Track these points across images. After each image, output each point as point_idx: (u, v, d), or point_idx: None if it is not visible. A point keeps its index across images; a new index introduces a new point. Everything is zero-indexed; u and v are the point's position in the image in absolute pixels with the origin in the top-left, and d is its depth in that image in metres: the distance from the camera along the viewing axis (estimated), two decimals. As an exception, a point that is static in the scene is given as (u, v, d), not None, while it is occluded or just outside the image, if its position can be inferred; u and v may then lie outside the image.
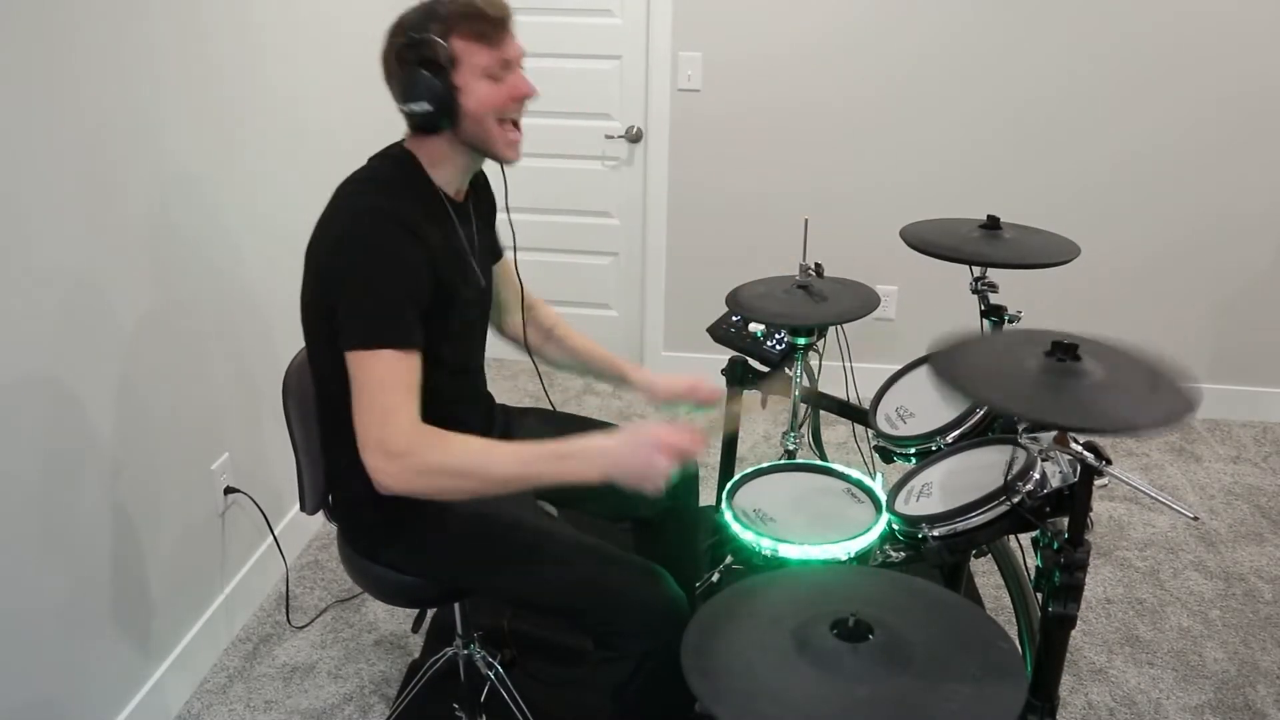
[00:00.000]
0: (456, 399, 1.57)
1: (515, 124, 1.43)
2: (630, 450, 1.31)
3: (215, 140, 2.06)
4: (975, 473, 1.54)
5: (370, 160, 1.46)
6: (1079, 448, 1.27)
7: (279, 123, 2.32)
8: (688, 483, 1.83)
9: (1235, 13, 2.92)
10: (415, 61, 1.34)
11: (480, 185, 1.64)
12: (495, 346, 1.83)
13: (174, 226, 1.94)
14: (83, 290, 1.69)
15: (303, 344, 1.64)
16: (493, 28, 1.36)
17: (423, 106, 1.35)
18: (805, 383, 2.02)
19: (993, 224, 1.91)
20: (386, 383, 1.30)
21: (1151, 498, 1.30)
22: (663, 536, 1.82)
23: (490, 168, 1.55)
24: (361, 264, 1.32)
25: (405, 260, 1.34)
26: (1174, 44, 2.98)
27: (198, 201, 2.02)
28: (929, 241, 1.87)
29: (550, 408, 1.88)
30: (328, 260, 1.37)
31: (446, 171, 1.46)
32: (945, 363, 1.27)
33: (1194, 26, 2.95)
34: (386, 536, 1.54)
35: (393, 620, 2.32)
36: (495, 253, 1.73)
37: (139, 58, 1.79)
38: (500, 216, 1.73)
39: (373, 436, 1.29)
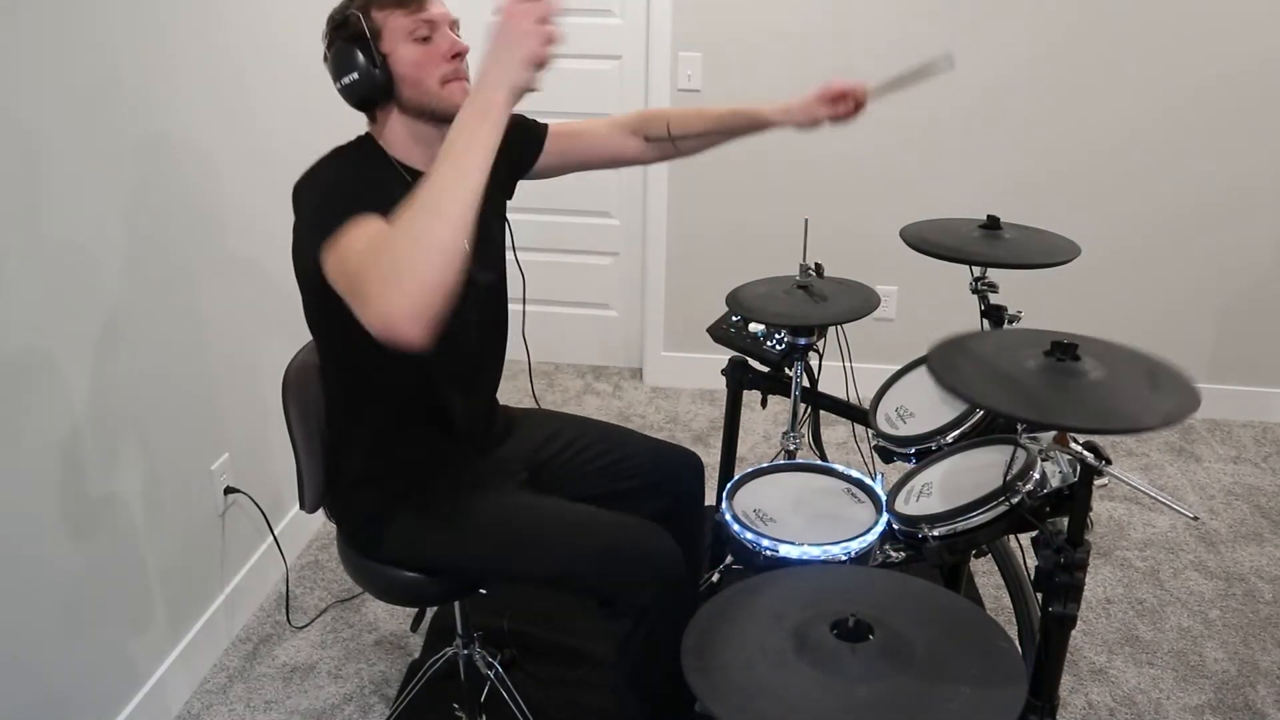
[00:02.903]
0: (445, 391, 1.56)
1: (457, 76, 1.43)
2: (497, 45, 1.17)
3: (218, 138, 2.06)
4: (975, 473, 1.54)
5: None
6: (1079, 448, 1.27)
7: (287, 109, 2.32)
8: (693, 482, 1.82)
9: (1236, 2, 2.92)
10: (342, 40, 1.40)
11: None
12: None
13: (174, 223, 1.94)
14: (81, 289, 1.69)
15: (302, 343, 1.64)
16: None
17: (351, 77, 1.39)
18: (805, 383, 2.02)
19: (993, 224, 1.92)
20: (362, 249, 1.18)
21: (1151, 498, 1.30)
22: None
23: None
24: (309, 202, 1.35)
25: (353, 186, 1.35)
26: (1175, 41, 2.98)
27: (199, 200, 2.02)
28: (929, 241, 1.87)
29: (543, 407, 1.87)
30: (293, 238, 1.38)
31: (407, 146, 1.47)
32: (944, 365, 1.27)
33: (1193, 14, 2.95)
34: (382, 527, 1.55)
35: (393, 620, 2.32)
36: (525, 159, 1.71)
37: (149, 34, 1.79)
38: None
39: (368, 310, 1.11)
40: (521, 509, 1.56)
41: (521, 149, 1.70)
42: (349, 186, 1.35)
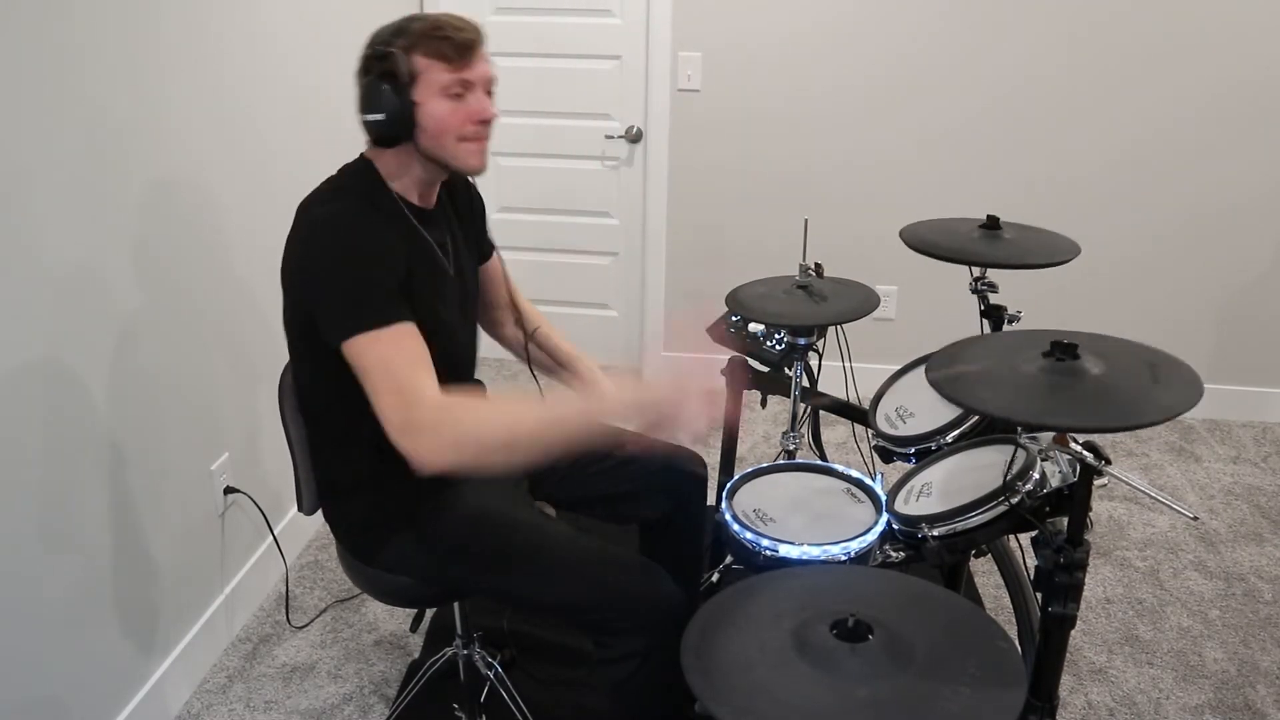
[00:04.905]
0: None
1: (477, 138, 1.44)
2: (666, 401, 1.31)
3: (218, 136, 2.06)
4: (975, 473, 1.54)
5: (330, 177, 1.48)
6: (1078, 448, 1.27)
7: (283, 116, 2.32)
8: (695, 485, 1.82)
9: (1235, 1, 2.92)
10: (377, 74, 1.38)
11: (460, 188, 1.64)
12: (496, 347, 1.83)
13: (174, 224, 1.94)
14: (82, 288, 1.69)
15: (301, 345, 1.64)
16: (456, 50, 1.38)
17: (377, 117, 1.38)
18: (805, 383, 2.02)
19: (992, 224, 1.92)
20: (392, 362, 1.29)
21: (1151, 498, 1.30)
22: (668, 539, 1.81)
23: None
24: (329, 261, 1.35)
25: (371, 247, 1.36)
26: (1176, 45, 2.98)
27: (199, 198, 2.02)
28: (929, 241, 1.87)
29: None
30: (296, 274, 1.41)
31: (406, 181, 1.47)
32: (945, 375, 1.27)
33: (1195, 17, 2.95)
34: (379, 537, 1.54)
35: (393, 620, 2.32)
36: (482, 254, 1.72)
37: (145, 46, 1.79)
38: (494, 216, 1.72)
39: (396, 421, 1.27)
40: (527, 534, 1.54)
41: (478, 234, 1.70)
42: (372, 274, 1.34)
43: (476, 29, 1.42)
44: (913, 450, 1.72)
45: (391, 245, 1.39)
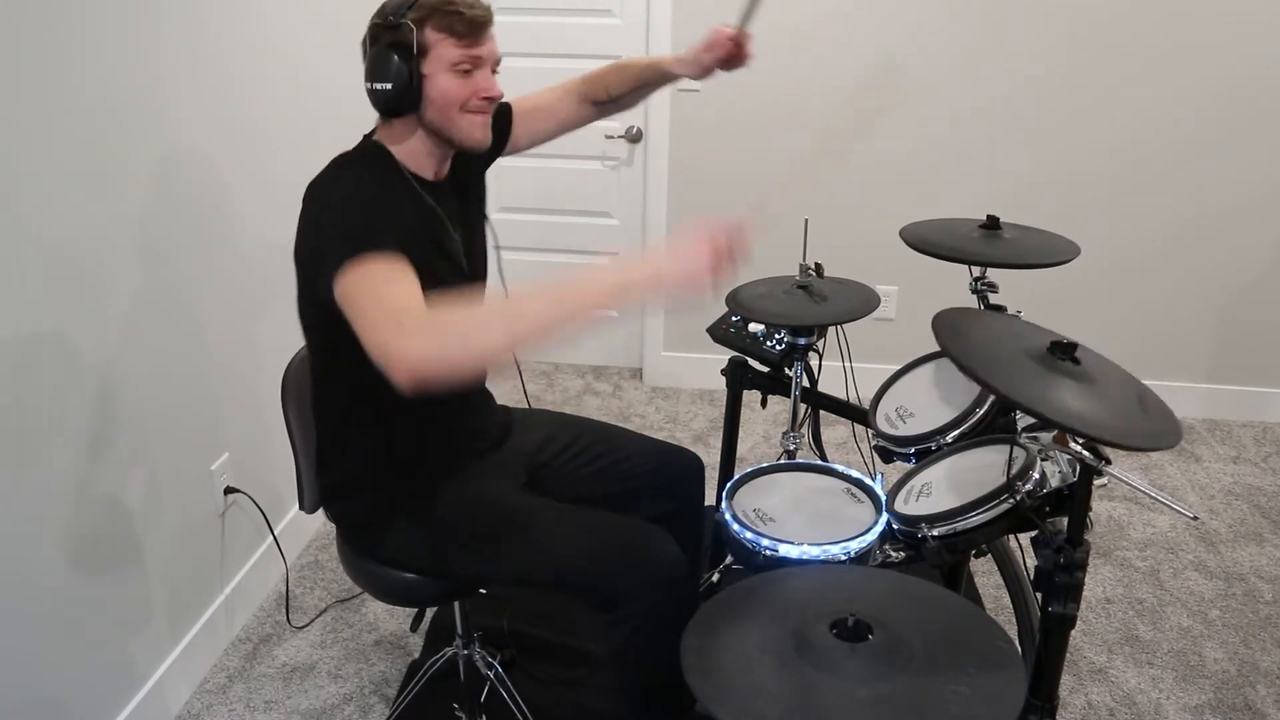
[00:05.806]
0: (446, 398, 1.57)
1: (480, 111, 1.45)
2: (679, 259, 1.21)
3: (217, 142, 2.06)
4: (975, 472, 1.54)
5: (333, 159, 1.48)
6: (1079, 447, 1.27)
7: (285, 111, 2.32)
8: (693, 484, 1.82)
9: (1235, 1, 2.91)
10: (387, 43, 1.39)
11: (468, 159, 1.63)
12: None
13: (175, 228, 1.94)
14: (80, 286, 1.69)
15: (302, 343, 1.64)
16: (468, 27, 1.39)
17: (385, 86, 1.39)
18: (805, 383, 2.02)
19: (992, 224, 1.92)
20: (382, 286, 1.24)
21: (1151, 498, 1.30)
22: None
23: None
24: (328, 215, 1.36)
25: (367, 196, 1.38)
26: (1177, 45, 2.98)
27: (199, 202, 2.02)
28: (929, 241, 1.87)
29: (543, 408, 1.87)
30: (298, 240, 1.40)
31: (416, 156, 1.48)
32: (950, 334, 1.27)
33: (1195, 17, 2.95)
34: (382, 529, 1.55)
35: (393, 620, 2.32)
36: (502, 137, 1.73)
37: (145, 35, 1.79)
38: (494, 216, 1.72)
39: (386, 334, 1.20)
40: (521, 511, 1.56)
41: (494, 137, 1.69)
42: (372, 220, 1.34)
43: (487, 8, 1.43)
44: (913, 450, 1.72)
45: (391, 200, 1.40)
